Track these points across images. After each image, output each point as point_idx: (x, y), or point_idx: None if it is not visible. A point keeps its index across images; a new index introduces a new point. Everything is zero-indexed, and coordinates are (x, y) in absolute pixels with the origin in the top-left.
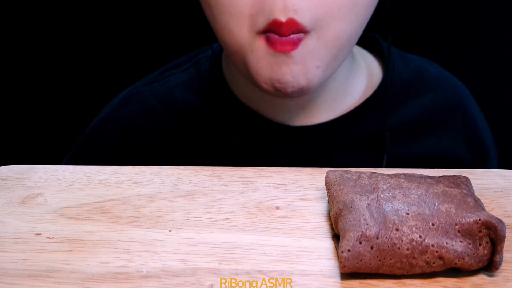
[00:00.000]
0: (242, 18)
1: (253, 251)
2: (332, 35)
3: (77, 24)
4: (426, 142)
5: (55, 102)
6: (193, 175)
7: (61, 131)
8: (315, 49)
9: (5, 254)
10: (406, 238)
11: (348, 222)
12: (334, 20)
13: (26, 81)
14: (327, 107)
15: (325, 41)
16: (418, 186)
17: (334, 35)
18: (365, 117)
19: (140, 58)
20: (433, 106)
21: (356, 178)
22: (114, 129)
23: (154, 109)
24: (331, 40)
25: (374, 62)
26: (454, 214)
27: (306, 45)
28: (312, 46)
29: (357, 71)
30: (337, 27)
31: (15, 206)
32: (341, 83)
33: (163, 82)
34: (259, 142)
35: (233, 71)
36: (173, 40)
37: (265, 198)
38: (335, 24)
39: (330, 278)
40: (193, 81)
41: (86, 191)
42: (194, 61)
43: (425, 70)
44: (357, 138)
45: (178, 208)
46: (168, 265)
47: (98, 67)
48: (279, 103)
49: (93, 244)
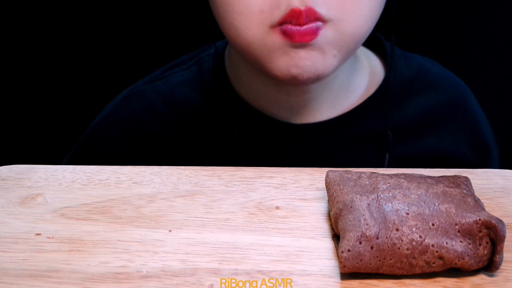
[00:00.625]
0: (251, 15)
1: (253, 251)
2: (349, 29)
3: (77, 23)
4: (428, 141)
5: (55, 102)
6: (193, 175)
7: (61, 131)
8: (334, 39)
9: (5, 254)
10: (406, 238)
11: (348, 222)
12: (351, 14)
13: (26, 81)
14: (329, 105)
15: (343, 34)
16: (418, 186)
17: (351, 29)
18: (367, 116)
19: (142, 57)
20: (435, 105)
21: (356, 178)
22: (116, 127)
23: (156, 107)
24: (349, 35)
25: (377, 61)
26: (454, 214)
27: (324, 34)
28: (331, 36)
29: (359, 70)
30: (355, 21)
31: (15, 206)
32: (343, 81)
33: (165, 81)
34: (261, 140)
35: (236, 69)
36: (175, 39)
37: (265, 198)
38: (352, 18)
39: (330, 278)
40: (195, 79)
41: (86, 191)
42: (196, 60)
43: (427, 70)
44: (359, 136)
45: (178, 208)
46: (168, 265)
47: (99, 66)
48: (282, 101)
49: (93, 244)
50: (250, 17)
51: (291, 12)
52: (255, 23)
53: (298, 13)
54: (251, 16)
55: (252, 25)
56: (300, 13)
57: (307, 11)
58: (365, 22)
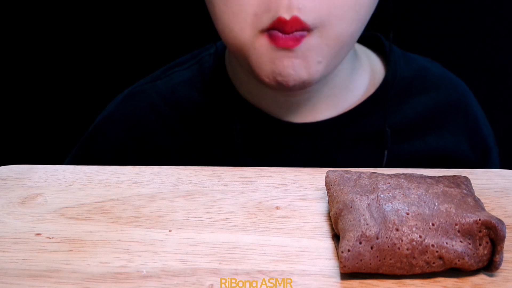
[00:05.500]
0: (245, 17)
1: (253, 251)
2: (334, 34)
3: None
4: (428, 140)
5: (55, 101)
6: (193, 175)
7: (61, 131)
8: (317, 45)
9: (5, 254)
10: (406, 238)
11: (348, 222)
12: (337, 19)
13: (26, 81)
14: (330, 104)
15: (327, 39)
16: (418, 186)
17: (336, 33)
18: (367, 115)
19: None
20: (435, 105)
21: (356, 178)
22: (117, 126)
23: (157, 106)
24: (333, 39)
25: (377, 61)
26: (454, 214)
27: (308, 41)
28: (314, 43)
29: (359, 69)
30: (340, 26)
31: (15, 206)
32: (343, 80)
33: (166, 80)
34: (261, 139)
35: (236, 68)
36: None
37: (265, 198)
38: (337, 23)
39: (330, 278)
40: (196, 78)
41: (86, 191)
42: (197, 59)
43: (428, 69)
44: (360, 136)
45: (178, 208)
46: (168, 265)
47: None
48: (282, 100)
49: (93, 244)
50: (245, 19)
51: (277, 20)
52: (248, 25)
53: (284, 22)
54: (246, 18)
55: (246, 27)
56: (285, 22)
57: (293, 21)
58: (349, 24)
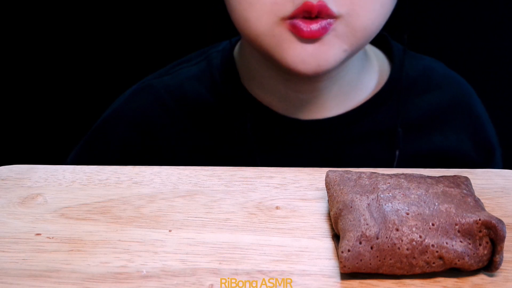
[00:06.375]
0: (262, 6)
1: (253, 251)
2: (361, 24)
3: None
4: (432, 139)
5: (56, 101)
6: (193, 175)
7: (62, 131)
8: (344, 34)
9: (5, 254)
10: (406, 238)
11: (348, 222)
12: (363, 9)
13: (26, 81)
14: (338, 102)
15: (354, 29)
16: (418, 186)
17: (363, 24)
18: (374, 113)
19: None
20: (439, 104)
21: (356, 178)
22: (125, 121)
23: (164, 102)
24: (360, 29)
25: (384, 60)
26: (454, 214)
27: (335, 29)
28: (341, 31)
29: (369, 67)
30: (366, 16)
31: (15, 206)
32: (353, 78)
33: (174, 75)
34: (269, 136)
35: (246, 64)
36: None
37: (265, 198)
38: (364, 13)
39: (330, 278)
40: (203, 74)
41: (86, 191)
42: (205, 56)
43: (432, 69)
44: (367, 133)
45: (178, 208)
46: (168, 265)
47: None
48: (291, 97)
49: (93, 244)
50: (262, 8)
51: (303, 6)
52: (266, 14)
53: (311, 7)
54: (263, 7)
55: (263, 15)
56: (312, 7)
57: (320, 6)
58: (376, 17)
